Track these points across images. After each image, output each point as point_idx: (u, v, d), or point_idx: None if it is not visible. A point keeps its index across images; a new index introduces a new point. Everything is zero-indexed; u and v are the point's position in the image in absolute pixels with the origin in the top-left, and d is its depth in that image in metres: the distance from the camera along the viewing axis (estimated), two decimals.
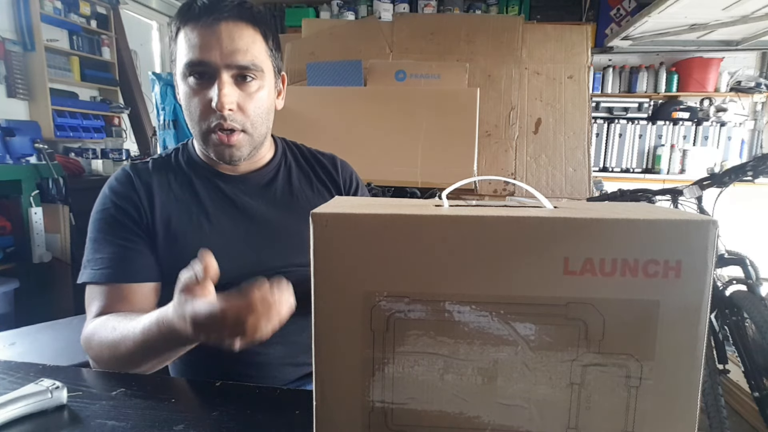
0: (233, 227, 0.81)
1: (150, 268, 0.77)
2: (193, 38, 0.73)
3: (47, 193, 2.49)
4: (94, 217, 0.79)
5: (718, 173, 1.53)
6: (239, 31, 0.73)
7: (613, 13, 3.97)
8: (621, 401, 0.38)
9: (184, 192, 0.81)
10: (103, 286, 0.75)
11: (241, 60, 0.73)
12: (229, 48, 0.72)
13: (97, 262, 0.76)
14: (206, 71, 0.73)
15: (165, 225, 0.79)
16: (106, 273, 0.75)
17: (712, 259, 0.35)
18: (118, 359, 0.67)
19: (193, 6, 0.73)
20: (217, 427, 0.52)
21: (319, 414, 0.40)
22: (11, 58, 3.03)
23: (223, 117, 0.74)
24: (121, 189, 0.80)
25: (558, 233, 0.36)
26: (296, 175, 0.89)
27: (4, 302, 2.30)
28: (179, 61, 0.75)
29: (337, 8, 4.21)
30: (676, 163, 3.82)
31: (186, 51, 0.73)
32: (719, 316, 1.51)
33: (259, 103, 0.77)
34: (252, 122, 0.77)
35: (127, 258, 0.76)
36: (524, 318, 0.37)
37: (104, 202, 0.80)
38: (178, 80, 0.78)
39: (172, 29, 0.77)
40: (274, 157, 0.89)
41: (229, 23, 0.73)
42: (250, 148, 0.80)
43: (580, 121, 2.25)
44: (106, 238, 0.77)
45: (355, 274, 0.38)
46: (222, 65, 0.72)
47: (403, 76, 2.22)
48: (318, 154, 0.94)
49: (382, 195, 1.97)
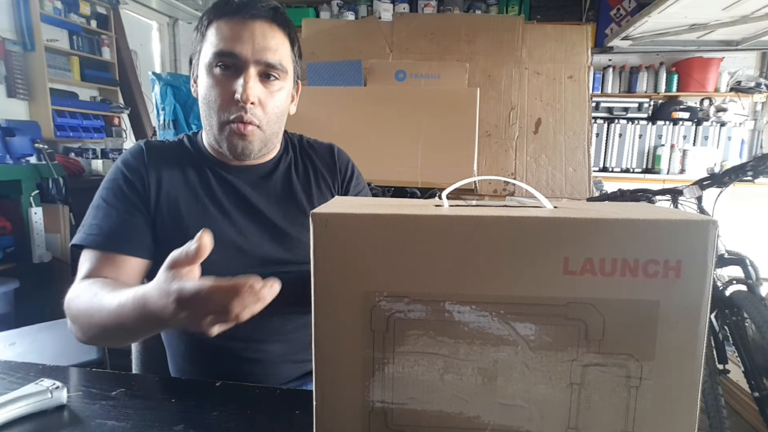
0: (236, 215, 0.82)
1: (144, 245, 0.78)
2: (225, 31, 0.75)
3: (47, 193, 2.49)
4: (102, 186, 0.81)
5: (718, 173, 1.53)
6: (272, 31, 0.76)
7: (613, 13, 3.97)
8: (621, 401, 0.38)
9: (193, 176, 0.83)
10: (95, 251, 0.76)
11: (270, 58, 0.76)
12: (261, 44, 0.75)
13: (93, 228, 0.77)
14: (234, 63, 0.75)
15: (172, 205, 0.80)
16: (100, 239, 0.76)
17: (712, 259, 0.35)
18: (91, 327, 0.65)
19: (230, 2, 0.76)
20: (217, 427, 0.52)
21: (319, 414, 0.40)
22: (11, 58, 3.03)
23: (245, 109, 0.76)
24: (133, 161, 0.81)
25: (558, 233, 0.36)
26: (294, 168, 0.90)
27: (4, 302, 2.30)
28: (207, 50, 0.77)
29: (337, 8, 4.21)
30: (676, 163, 3.82)
31: (217, 41, 0.75)
32: (719, 316, 1.51)
33: (278, 102, 0.80)
34: (268, 119, 0.79)
35: (122, 229, 0.77)
36: (524, 318, 0.37)
37: (114, 173, 0.81)
38: (200, 71, 0.79)
39: (203, 22, 0.79)
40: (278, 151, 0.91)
41: (264, 23, 0.76)
42: (260, 145, 0.81)
43: (580, 121, 2.25)
44: (108, 207, 0.78)
45: (355, 274, 0.38)
46: (252, 60, 0.75)
47: (403, 76, 2.22)
48: (315, 143, 0.96)
49: (382, 195, 1.97)
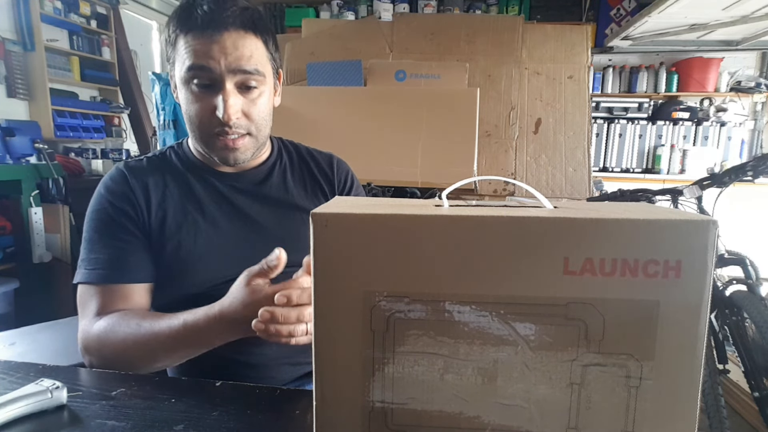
0: (228, 225, 0.81)
1: (145, 269, 0.78)
2: (195, 45, 0.72)
3: (47, 193, 2.49)
4: (90, 217, 0.79)
5: (718, 173, 1.53)
6: (242, 40, 0.73)
7: (613, 13, 3.97)
8: (621, 401, 0.37)
9: (180, 190, 0.82)
10: (99, 287, 0.75)
11: (244, 66, 0.74)
12: (233, 56, 0.73)
13: (92, 262, 0.76)
14: (210, 77, 0.73)
15: (160, 223, 0.79)
16: (102, 274, 0.75)
17: (712, 259, 0.35)
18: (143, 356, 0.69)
19: (194, 14, 0.72)
20: (217, 427, 0.52)
21: (319, 414, 0.40)
22: (11, 58, 3.03)
23: (229, 125, 0.75)
24: (117, 188, 0.80)
25: (558, 233, 0.36)
26: (290, 174, 0.90)
27: (4, 302, 2.30)
28: (179, 64, 0.75)
29: (337, 8, 4.21)
30: (676, 163, 3.82)
31: (188, 56, 0.73)
32: (719, 316, 1.50)
33: (262, 108, 0.79)
34: (257, 126, 0.79)
35: (122, 258, 0.76)
36: (524, 318, 0.37)
37: (100, 202, 0.79)
38: (177, 83, 0.78)
39: (169, 34, 0.76)
40: (270, 155, 0.90)
41: (232, 32, 0.72)
42: (254, 150, 0.81)
43: (580, 121, 2.25)
44: (102, 239, 0.77)
45: (355, 274, 0.38)
46: (226, 72, 0.73)
47: (403, 76, 2.22)
48: (315, 152, 0.95)
49: (382, 195, 1.96)
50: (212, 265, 0.79)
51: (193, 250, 0.79)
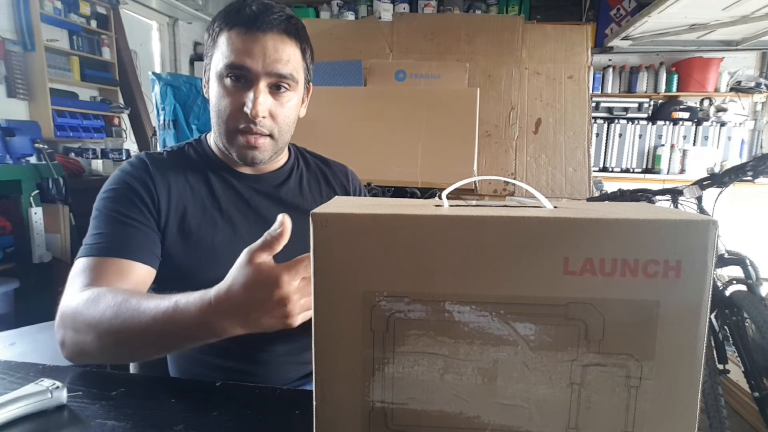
0: (245, 226, 0.81)
1: (152, 252, 0.75)
2: (237, 43, 0.74)
3: (47, 193, 2.49)
4: (102, 196, 0.77)
5: (718, 173, 1.53)
6: (283, 44, 0.75)
7: (613, 13, 3.97)
8: (621, 401, 0.37)
9: (200, 185, 0.82)
10: (95, 259, 0.70)
11: (281, 69, 0.75)
12: (272, 58, 0.74)
13: (93, 238, 0.72)
14: (245, 75, 0.75)
15: (180, 216, 0.78)
16: (101, 246, 0.71)
17: (712, 259, 0.35)
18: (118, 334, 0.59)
19: (243, 11, 0.74)
20: (217, 427, 0.52)
21: (319, 414, 0.40)
22: (11, 58, 3.02)
23: (254, 122, 0.76)
24: (136, 172, 0.78)
25: (558, 233, 0.36)
26: (306, 180, 0.91)
27: (4, 302, 2.30)
28: (218, 59, 0.76)
29: (337, 8, 4.21)
30: (676, 163, 3.82)
31: (228, 53, 0.74)
32: (719, 316, 1.51)
33: (289, 112, 0.80)
34: (280, 129, 0.79)
35: (130, 235, 0.73)
36: (524, 318, 0.37)
37: (116, 182, 0.77)
38: (211, 77, 0.79)
39: (214, 27, 0.77)
40: (288, 160, 0.91)
41: (275, 35, 0.75)
42: (272, 153, 0.81)
43: (580, 121, 2.25)
44: (111, 215, 0.74)
45: (355, 274, 0.38)
46: (262, 73, 0.74)
47: (403, 76, 2.22)
48: (330, 161, 0.97)
49: (382, 195, 1.97)
50: (228, 266, 0.77)
51: (210, 248, 0.78)
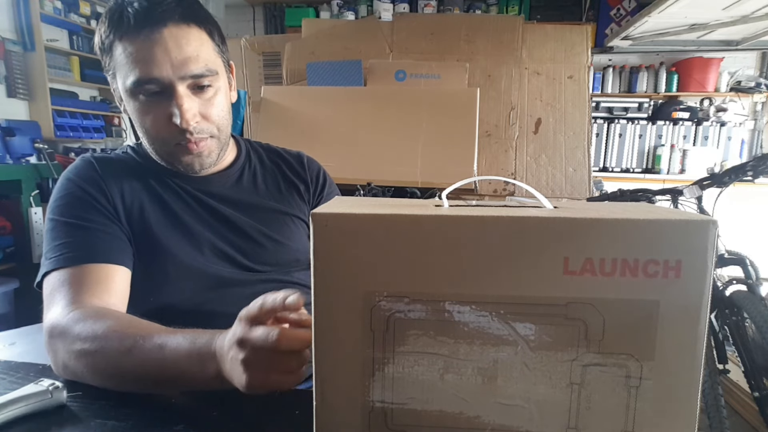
0: (202, 229, 0.76)
1: (123, 252, 0.68)
2: (135, 52, 0.65)
3: (47, 193, 2.49)
4: (54, 205, 0.69)
5: (718, 173, 1.53)
6: (185, 35, 0.66)
7: (613, 13, 3.97)
8: (621, 401, 0.37)
9: (154, 186, 0.76)
10: (72, 269, 0.63)
11: (194, 69, 0.67)
12: (179, 57, 0.65)
13: (57, 249, 0.65)
14: (158, 85, 0.66)
15: (140, 217, 0.73)
16: (72, 256, 0.64)
17: (712, 259, 0.35)
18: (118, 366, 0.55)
19: (125, 14, 0.64)
20: (217, 427, 0.52)
21: (319, 414, 0.40)
22: (11, 58, 3.03)
23: (188, 131, 0.69)
24: (85, 173, 0.72)
25: (558, 233, 0.36)
26: (262, 176, 0.85)
27: (4, 302, 2.30)
28: (122, 76, 0.68)
29: (337, 8, 4.21)
30: (676, 163, 3.82)
31: (130, 67, 0.66)
32: (719, 316, 1.50)
33: (221, 107, 0.73)
34: (218, 126, 0.74)
35: (96, 237, 0.66)
36: (524, 318, 0.37)
37: (66, 187, 0.71)
38: (123, 95, 0.71)
39: (102, 40, 0.68)
40: (238, 158, 0.85)
41: (172, 29, 0.65)
42: (218, 151, 0.76)
43: (580, 121, 2.25)
44: (70, 222, 0.67)
45: (355, 274, 0.38)
46: (176, 78, 0.66)
47: (403, 76, 2.22)
48: (284, 152, 0.91)
49: (382, 195, 1.96)
50: (199, 262, 0.73)
51: (169, 250, 0.73)
